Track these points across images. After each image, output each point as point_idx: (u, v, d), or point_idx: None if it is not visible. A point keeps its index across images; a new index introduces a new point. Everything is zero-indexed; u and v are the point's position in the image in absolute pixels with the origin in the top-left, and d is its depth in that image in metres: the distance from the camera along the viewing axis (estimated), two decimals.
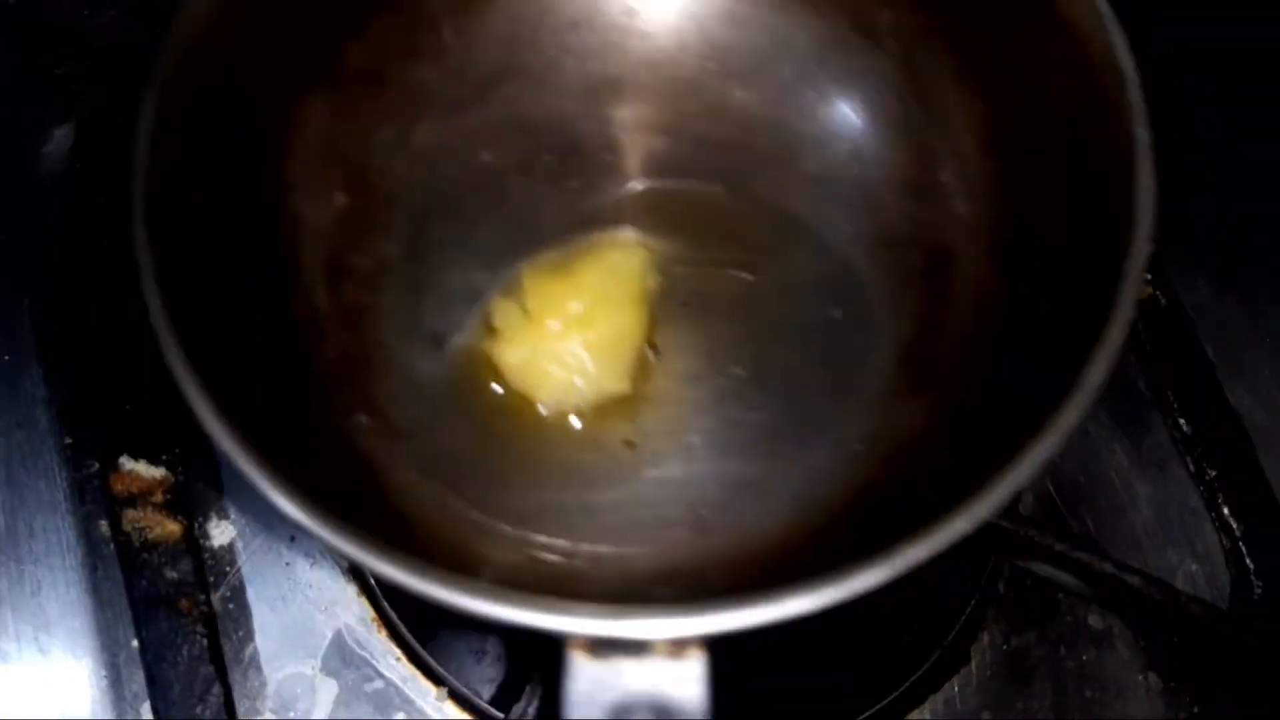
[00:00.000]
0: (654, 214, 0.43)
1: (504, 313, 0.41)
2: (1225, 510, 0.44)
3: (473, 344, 0.41)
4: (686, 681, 0.27)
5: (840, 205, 0.41)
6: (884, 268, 0.40)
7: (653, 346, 0.41)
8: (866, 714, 0.41)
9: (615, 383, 0.40)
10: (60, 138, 0.47)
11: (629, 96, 0.44)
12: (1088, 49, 0.31)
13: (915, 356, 0.38)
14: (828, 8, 0.42)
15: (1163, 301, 0.47)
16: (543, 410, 0.40)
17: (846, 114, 0.42)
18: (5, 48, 0.47)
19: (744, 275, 0.41)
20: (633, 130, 0.44)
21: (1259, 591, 0.43)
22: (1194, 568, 0.43)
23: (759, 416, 0.39)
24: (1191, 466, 0.45)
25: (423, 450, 0.39)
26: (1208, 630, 0.40)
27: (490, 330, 0.41)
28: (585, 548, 0.36)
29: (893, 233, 0.40)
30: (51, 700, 0.39)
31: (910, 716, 0.40)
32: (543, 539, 0.37)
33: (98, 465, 0.42)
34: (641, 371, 0.41)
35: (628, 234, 0.43)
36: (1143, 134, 0.29)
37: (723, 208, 0.43)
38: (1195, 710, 0.41)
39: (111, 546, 0.41)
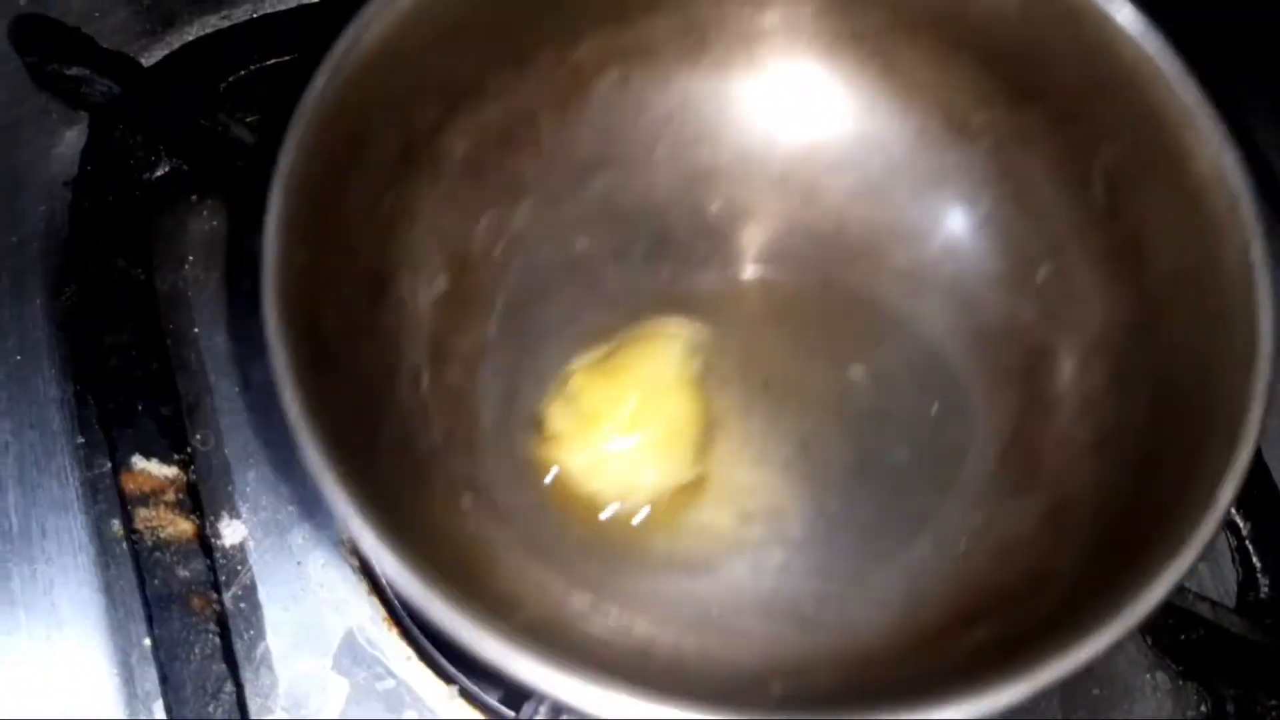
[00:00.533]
0: (747, 302, 0.44)
1: (560, 416, 0.41)
2: (1232, 509, 0.44)
3: None
4: None
5: (934, 299, 0.42)
6: (981, 363, 0.40)
7: (716, 428, 0.41)
8: None
9: (680, 472, 0.41)
10: (71, 139, 0.47)
11: (721, 187, 0.45)
12: (1204, 191, 0.31)
13: (1017, 455, 0.38)
14: (919, 104, 0.42)
15: None
16: (612, 510, 0.40)
17: (939, 210, 0.43)
18: (15, 48, 0.47)
19: (839, 366, 0.42)
20: (725, 219, 0.45)
21: (1265, 589, 0.44)
22: (1200, 566, 0.43)
23: (860, 511, 0.40)
24: None
25: (527, 533, 0.40)
26: (1215, 628, 0.41)
27: (545, 436, 0.41)
28: (691, 639, 0.37)
29: (989, 329, 0.41)
30: (64, 698, 0.39)
31: None
32: (648, 628, 0.37)
33: (110, 465, 0.42)
34: (711, 455, 0.41)
35: (670, 321, 0.43)
36: (1262, 277, 0.29)
37: (816, 298, 0.43)
38: (1202, 709, 0.42)
39: (124, 545, 0.41)
